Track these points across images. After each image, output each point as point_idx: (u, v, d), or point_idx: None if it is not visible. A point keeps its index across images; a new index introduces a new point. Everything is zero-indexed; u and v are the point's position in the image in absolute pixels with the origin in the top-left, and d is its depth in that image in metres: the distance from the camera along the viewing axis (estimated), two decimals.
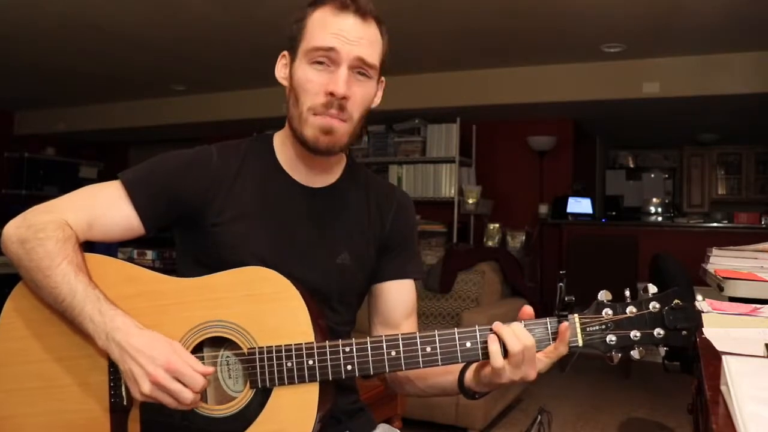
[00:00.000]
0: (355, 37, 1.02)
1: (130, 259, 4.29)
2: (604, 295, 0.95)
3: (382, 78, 1.12)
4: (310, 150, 1.06)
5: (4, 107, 6.98)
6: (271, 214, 1.09)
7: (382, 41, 1.08)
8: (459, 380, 1.05)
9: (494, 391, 1.02)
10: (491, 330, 0.94)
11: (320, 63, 1.02)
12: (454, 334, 0.94)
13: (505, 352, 0.93)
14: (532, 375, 0.94)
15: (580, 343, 0.94)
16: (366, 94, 1.06)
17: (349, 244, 1.13)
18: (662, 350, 0.93)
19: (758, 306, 1.25)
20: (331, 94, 1.01)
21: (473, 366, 1.03)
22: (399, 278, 1.20)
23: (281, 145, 1.14)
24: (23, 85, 5.87)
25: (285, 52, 1.10)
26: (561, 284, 0.95)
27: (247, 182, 1.10)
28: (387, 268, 1.19)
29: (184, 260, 1.14)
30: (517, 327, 0.94)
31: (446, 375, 1.08)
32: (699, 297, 1.14)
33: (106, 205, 1.06)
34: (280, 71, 1.10)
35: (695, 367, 1.04)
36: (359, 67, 1.04)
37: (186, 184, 1.07)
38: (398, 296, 1.20)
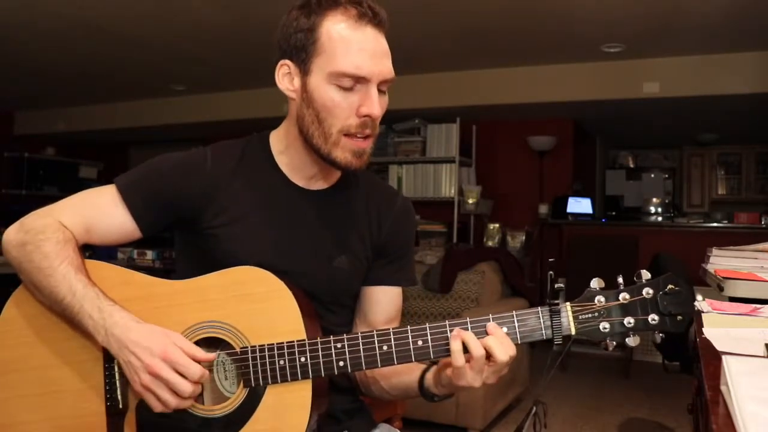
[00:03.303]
0: (378, 54, 1.00)
1: (130, 259, 4.29)
2: (596, 283, 0.94)
3: None
4: (338, 168, 1.06)
5: (4, 107, 6.99)
6: (268, 217, 1.08)
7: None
8: (420, 381, 1.06)
9: (493, 390, 1.02)
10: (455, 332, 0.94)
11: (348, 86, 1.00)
12: (445, 327, 0.94)
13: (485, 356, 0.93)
14: (490, 381, 0.96)
15: (573, 331, 0.93)
16: (386, 106, 1.05)
17: (346, 247, 1.12)
18: (658, 337, 0.92)
19: (758, 306, 1.25)
20: (367, 116, 1.00)
21: (434, 367, 1.04)
22: (388, 285, 1.19)
23: (280, 148, 1.11)
24: (23, 85, 5.87)
25: (287, 62, 1.03)
26: (551, 272, 0.94)
27: (243, 185, 1.08)
28: (378, 273, 1.18)
29: (182, 261, 1.14)
30: (492, 345, 0.93)
31: (409, 374, 1.09)
32: (699, 297, 1.13)
33: (102, 211, 1.07)
34: (285, 83, 1.05)
35: (695, 367, 1.04)
36: (383, 84, 1.03)
37: (180, 187, 1.06)
38: (384, 301, 1.19)
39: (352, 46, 0.98)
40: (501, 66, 5.05)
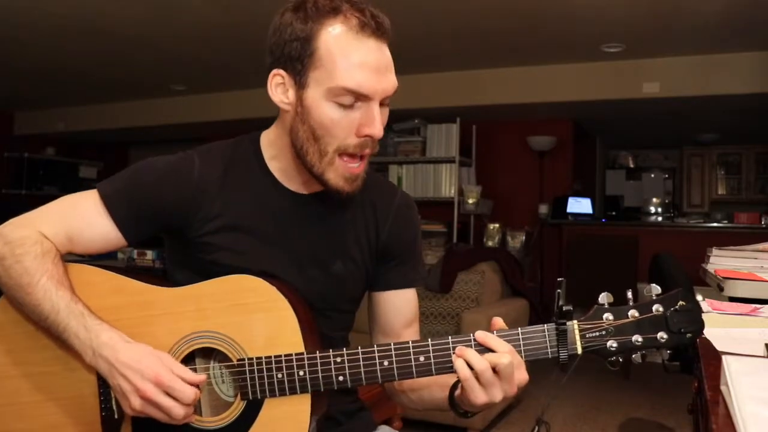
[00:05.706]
0: (382, 68, 0.94)
1: (130, 259, 4.29)
2: (605, 298, 0.90)
3: None
4: (328, 189, 0.99)
5: (4, 107, 6.99)
6: (260, 224, 1.04)
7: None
8: (450, 396, 1.00)
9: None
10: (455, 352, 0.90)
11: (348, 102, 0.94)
12: (449, 343, 0.90)
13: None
14: (510, 392, 0.91)
15: (579, 350, 0.89)
16: (386, 122, 0.99)
17: (342, 252, 1.08)
18: (665, 352, 0.89)
19: (758, 306, 1.25)
20: (368, 136, 0.95)
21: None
22: (400, 287, 1.14)
23: (272, 153, 1.06)
24: (23, 85, 5.86)
25: (281, 71, 0.96)
26: (559, 291, 0.92)
27: (233, 191, 1.04)
28: (387, 277, 1.13)
29: (173, 264, 1.11)
30: (491, 355, 0.89)
31: (442, 390, 1.02)
32: (699, 297, 1.13)
33: (85, 220, 1.02)
34: (278, 94, 0.98)
35: (695, 367, 1.03)
36: (385, 98, 0.97)
37: (167, 195, 1.01)
38: (399, 306, 1.14)
39: (354, 60, 0.91)
40: (501, 66, 5.05)
